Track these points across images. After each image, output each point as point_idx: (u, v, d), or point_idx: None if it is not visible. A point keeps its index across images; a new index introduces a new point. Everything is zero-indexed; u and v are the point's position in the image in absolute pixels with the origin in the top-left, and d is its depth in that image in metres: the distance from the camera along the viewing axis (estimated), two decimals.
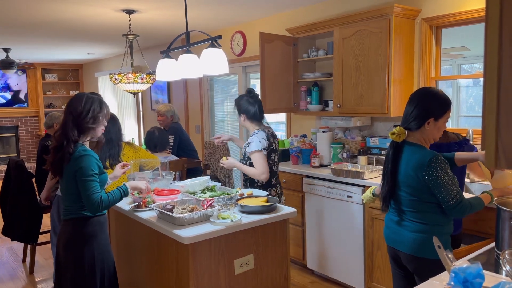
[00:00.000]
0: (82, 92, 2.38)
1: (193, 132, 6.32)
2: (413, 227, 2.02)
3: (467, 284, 1.04)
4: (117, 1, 3.97)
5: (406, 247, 2.04)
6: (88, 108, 2.23)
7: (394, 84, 3.35)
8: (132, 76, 4.45)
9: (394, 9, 3.25)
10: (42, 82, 9.58)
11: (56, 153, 2.22)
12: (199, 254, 2.13)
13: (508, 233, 1.57)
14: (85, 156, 2.18)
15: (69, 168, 2.18)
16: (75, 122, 2.21)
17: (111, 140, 3.01)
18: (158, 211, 2.34)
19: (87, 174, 2.15)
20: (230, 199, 2.55)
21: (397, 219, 2.11)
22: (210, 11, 4.47)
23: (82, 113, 2.21)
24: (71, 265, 2.23)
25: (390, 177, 2.07)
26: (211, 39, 2.60)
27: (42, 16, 4.53)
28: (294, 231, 3.83)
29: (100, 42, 6.46)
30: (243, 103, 3.01)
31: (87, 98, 2.26)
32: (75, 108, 2.22)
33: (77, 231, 2.23)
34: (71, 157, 2.17)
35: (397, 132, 2.03)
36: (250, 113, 3.00)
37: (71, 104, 2.26)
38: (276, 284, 2.47)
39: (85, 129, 2.23)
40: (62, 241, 2.27)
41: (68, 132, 2.19)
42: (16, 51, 7.21)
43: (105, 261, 2.29)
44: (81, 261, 2.21)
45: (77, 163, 2.16)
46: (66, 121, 2.23)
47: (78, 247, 2.22)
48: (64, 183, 2.25)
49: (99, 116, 2.27)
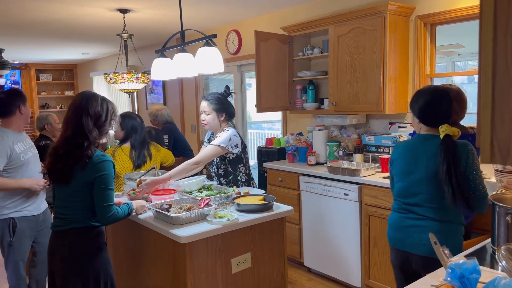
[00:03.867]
0: (88, 90, 2.21)
1: (188, 132, 6.31)
2: (433, 227, 1.97)
3: (464, 280, 1.04)
4: (111, 1, 3.95)
5: (424, 248, 1.97)
6: (106, 109, 2.11)
7: (389, 81, 3.36)
8: (127, 76, 4.44)
9: (389, 7, 3.26)
10: (36, 82, 9.52)
11: (67, 158, 2.01)
12: (196, 253, 2.12)
13: (504, 228, 1.57)
14: (106, 162, 2.02)
15: (86, 174, 2.00)
16: (96, 124, 2.06)
17: (144, 142, 3.32)
18: (155, 211, 2.33)
19: (109, 183, 2.01)
20: (227, 198, 2.55)
21: (410, 219, 2.07)
22: (205, 10, 4.46)
23: (101, 114, 2.08)
24: (74, 279, 2.04)
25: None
26: (206, 38, 2.59)
27: (36, 16, 4.51)
28: (291, 229, 3.84)
29: (95, 42, 6.44)
30: (226, 102, 2.95)
31: (101, 99, 2.12)
32: (94, 109, 2.07)
33: (84, 242, 2.06)
34: (88, 162, 2.00)
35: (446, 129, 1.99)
36: (229, 112, 2.96)
37: (89, 104, 2.07)
38: (273, 282, 2.47)
39: (103, 131, 2.11)
40: (60, 254, 2.07)
41: (88, 134, 2.03)
42: (10, 52, 7.17)
43: (108, 270, 2.15)
44: (86, 274, 2.04)
45: (97, 169, 2.00)
46: (84, 122, 2.04)
47: (83, 259, 2.05)
48: (70, 190, 2.04)
49: (114, 118, 2.17)
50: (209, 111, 2.91)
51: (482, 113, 0.86)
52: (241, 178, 2.95)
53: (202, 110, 2.94)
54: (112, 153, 3.25)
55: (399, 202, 2.15)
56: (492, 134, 0.85)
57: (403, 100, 3.50)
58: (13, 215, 2.89)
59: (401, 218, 2.12)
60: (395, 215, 2.17)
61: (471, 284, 1.04)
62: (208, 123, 2.93)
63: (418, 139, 2.13)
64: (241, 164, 2.94)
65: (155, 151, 3.41)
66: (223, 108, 2.93)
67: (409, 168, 2.10)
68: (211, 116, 2.91)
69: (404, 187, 2.11)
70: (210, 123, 2.93)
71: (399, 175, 2.16)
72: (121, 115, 3.40)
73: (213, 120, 2.91)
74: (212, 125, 2.94)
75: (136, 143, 3.28)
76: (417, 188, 2.04)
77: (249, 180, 3.00)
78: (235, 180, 2.94)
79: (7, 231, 2.88)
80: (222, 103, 2.94)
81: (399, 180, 2.16)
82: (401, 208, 2.12)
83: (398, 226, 2.13)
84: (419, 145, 2.10)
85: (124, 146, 3.30)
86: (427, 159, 2.02)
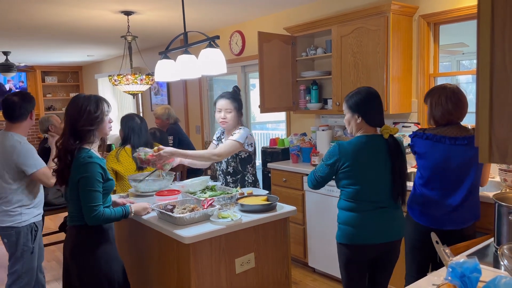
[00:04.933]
0: (78, 94, 2.28)
1: (193, 133, 6.33)
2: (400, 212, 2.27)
3: (465, 279, 1.05)
4: (115, 3, 3.98)
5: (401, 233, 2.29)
6: (84, 110, 2.14)
7: (392, 81, 3.36)
8: (131, 78, 4.47)
9: (392, 7, 3.26)
10: (42, 84, 9.60)
11: (59, 163, 2.17)
12: (200, 253, 2.14)
13: (507, 228, 1.57)
14: (89, 164, 2.09)
15: (72, 176, 2.12)
16: (72, 130, 2.13)
17: (147, 143, 3.28)
18: (159, 212, 2.35)
19: (90, 184, 2.07)
20: (230, 199, 2.56)
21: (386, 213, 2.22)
22: (209, 11, 4.48)
23: (78, 117, 2.13)
24: (76, 272, 2.16)
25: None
26: (209, 39, 2.60)
27: (41, 19, 4.55)
28: (295, 230, 3.84)
29: (99, 44, 6.48)
30: (241, 101, 3.03)
31: (83, 99, 2.17)
32: (72, 114, 2.15)
33: (80, 239, 2.16)
34: (70, 169, 2.12)
35: None
36: (242, 112, 3.04)
37: (68, 109, 2.18)
38: (277, 282, 2.48)
39: (83, 132, 2.14)
40: (68, 248, 2.20)
41: (64, 141, 2.14)
42: (15, 54, 7.23)
43: (113, 268, 2.20)
44: (86, 271, 2.14)
45: (80, 171, 2.08)
46: (64, 129, 2.17)
47: (83, 256, 2.15)
48: (69, 191, 2.17)
49: (96, 116, 2.16)
50: (230, 109, 2.93)
51: (480, 113, 0.87)
52: (248, 179, 2.98)
53: (222, 108, 2.94)
54: (115, 155, 3.27)
55: (367, 203, 2.17)
56: (490, 134, 0.86)
57: (406, 100, 3.50)
58: (34, 219, 2.88)
59: (378, 214, 2.18)
60: (370, 214, 2.18)
61: (472, 283, 1.04)
62: (228, 121, 2.94)
63: (365, 139, 2.18)
64: (250, 165, 2.98)
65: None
66: (241, 107, 3.00)
67: (370, 169, 2.16)
68: (232, 114, 2.93)
69: (369, 188, 2.16)
70: (230, 121, 2.94)
71: (357, 177, 2.16)
72: (122, 117, 3.43)
73: (233, 118, 2.94)
74: (231, 123, 2.95)
75: (136, 144, 3.26)
76: (380, 186, 2.16)
77: (255, 181, 3.02)
78: (242, 180, 2.97)
79: (30, 237, 2.84)
80: (239, 101, 3.01)
81: (360, 182, 2.16)
82: (373, 207, 2.18)
83: (376, 222, 2.17)
84: (371, 145, 2.16)
85: (127, 147, 3.32)
86: (383, 158, 2.15)
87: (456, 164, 2.23)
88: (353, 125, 2.23)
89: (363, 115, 2.19)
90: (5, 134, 2.80)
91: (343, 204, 2.24)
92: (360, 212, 2.17)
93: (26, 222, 2.82)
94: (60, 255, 4.61)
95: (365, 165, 2.15)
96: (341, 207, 2.25)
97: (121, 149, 3.31)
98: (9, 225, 2.76)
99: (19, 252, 2.81)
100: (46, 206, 3.13)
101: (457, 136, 2.23)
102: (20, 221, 2.79)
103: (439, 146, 2.26)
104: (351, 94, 2.27)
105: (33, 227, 2.87)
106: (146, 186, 2.88)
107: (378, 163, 2.16)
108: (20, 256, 2.82)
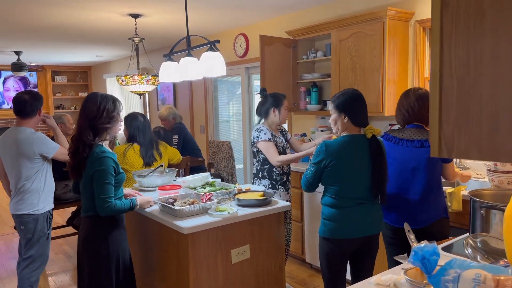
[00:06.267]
0: (95, 92, 2.40)
1: (197, 132, 6.48)
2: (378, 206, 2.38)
3: (425, 261, 1.18)
4: (124, 6, 4.14)
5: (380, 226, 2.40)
6: (102, 108, 2.26)
7: (388, 84, 3.48)
8: (138, 78, 4.62)
9: (388, 12, 3.38)
10: (52, 84, 9.81)
11: (74, 158, 2.28)
12: (198, 243, 2.28)
13: (480, 222, 1.69)
14: (103, 158, 2.21)
15: (87, 169, 2.23)
16: (90, 125, 2.24)
17: (152, 140, 3.46)
18: (161, 205, 2.50)
19: (104, 177, 2.19)
20: (228, 194, 2.70)
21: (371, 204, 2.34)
22: (214, 14, 4.62)
23: (97, 114, 2.25)
24: (87, 260, 2.31)
25: None
26: (209, 43, 2.75)
27: (53, 21, 4.72)
28: (294, 227, 3.97)
29: (108, 45, 6.65)
30: (266, 102, 3.31)
31: (101, 98, 2.29)
32: (90, 110, 2.26)
33: (93, 229, 2.30)
34: (86, 162, 2.23)
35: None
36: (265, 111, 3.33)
37: (86, 106, 2.29)
38: (271, 273, 2.62)
39: (100, 129, 2.27)
40: (81, 236, 2.34)
41: (83, 136, 2.24)
42: (27, 54, 7.43)
43: (121, 256, 2.34)
44: (97, 258, 2.29)
45: (95, 165, 2.20)
46: (81, 124, 2.27)
47: (94, 245, 2.29)
48: (82, 184, 2.30)
49: (114, 115, 2.31)
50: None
51: (431, 114, 1.00)
52: (276, 170, 3.19)
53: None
54: (123, 152, 3.41)
55: (349, 200, 2.28)
56: (439, 131, 0.99)
57: None
58: (49, 207, 3.10)
59: (358, 210, 2.28)
60: (351, 210, 2.28)
61: (431, 264, 1.17)
62: (270, 123, 3.33)
63: (350, 139, 2.28)
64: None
65: (163, 150, 3.57)
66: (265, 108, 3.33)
67: (354, 167, 2.26)
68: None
69: (352, 185, 2.27)
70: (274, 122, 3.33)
71: (341, 175, 2.25)
72: (125, 116, 3.57)
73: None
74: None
75: (143, 141, 3.41)
76: (362, 183, 2.26)
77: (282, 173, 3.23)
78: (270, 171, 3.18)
79: (46, 224, 3.07)
80: (266, 103, 3.35)
81: (344, 179, 2.26)
82: (353, 204, 2.28)
83: (357, 217, 2.28)
84: (355, 144, 2.27)
85: (135, 145, 3.46)
86: (365, 157, 2.26)
87: (412, 165, 2.33)
88: (339, 125, 2.31)
89: (349, 115, 2.28)
90: (17, 129, 3.01)
91: (327, 201, 2.33)
92: (341, 208, 2.27)
93: (43, 210, 3.04)
94: (67, 248, 4.78)
95: (349, 164, 2.25)
96: (325, 204, 2.34)
97: (130, 146, 3.43)
98: (27, 213, 2.98)
99: (35, 238, 3.03)
100: (54, 201, 3.31)
101: (413, 139, 2.34)
102: (38, 208, 3.01)
103: (397, 147, 2.39)
104: (338, 95, 2.35)
105: (48, 215, 3.09)
106: (150, 181, 3.03)
107: (361, 161, 2.26)
108: (36, 242, 3.04)
